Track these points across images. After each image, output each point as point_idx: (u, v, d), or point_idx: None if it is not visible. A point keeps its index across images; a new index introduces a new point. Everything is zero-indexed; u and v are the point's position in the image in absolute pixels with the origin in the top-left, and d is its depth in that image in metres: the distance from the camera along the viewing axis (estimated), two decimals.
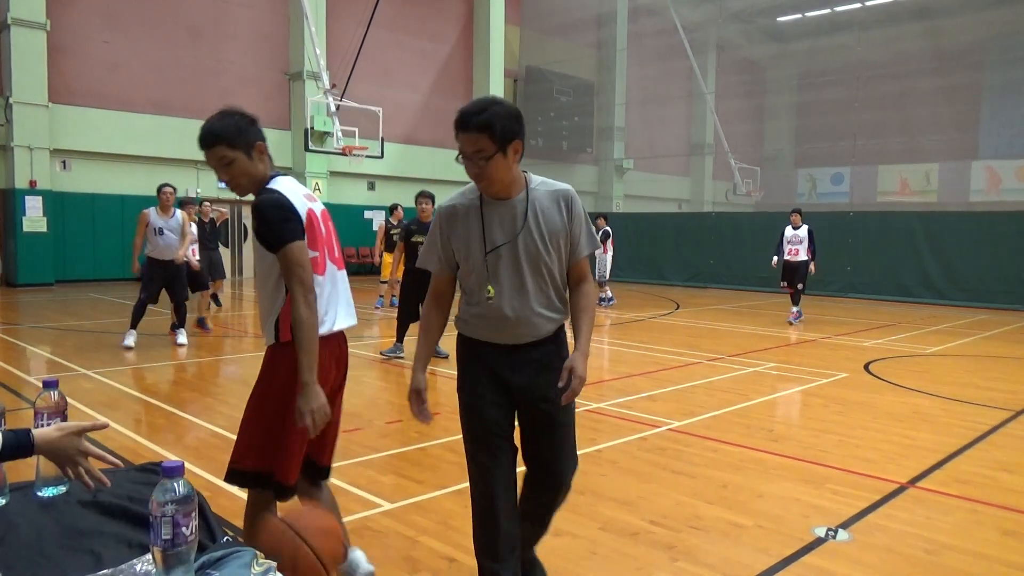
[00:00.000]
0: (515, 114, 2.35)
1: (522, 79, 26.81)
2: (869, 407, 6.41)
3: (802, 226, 12.22)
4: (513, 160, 2.37)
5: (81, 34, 17.08)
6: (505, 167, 2.36)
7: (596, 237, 2.56)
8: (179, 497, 1.26)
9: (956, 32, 22.94)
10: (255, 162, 2.52)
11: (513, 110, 2.35)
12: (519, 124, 2.35)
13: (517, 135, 2.34)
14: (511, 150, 2.34)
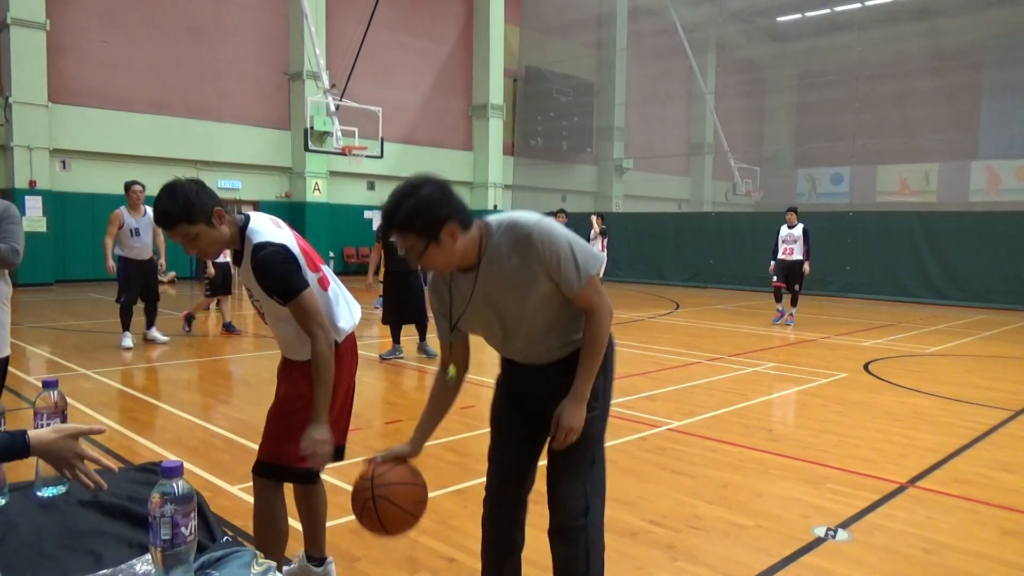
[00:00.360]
0: (435, 200, 2.07)
1: (522, 79, 26.81)
2: (869, 407, 6.41)
3: (797, 225, 11.94)
4: (452, 243, 2.12)
5: (81, 34, 17.08)
6: (444, 253, 2.13)
7: (586, 264, 2.21)
8: (178, 497, 1.26)
9: (956, 32, 22.95)
10: (217, 228, 2.52)
11: (432, 195, 2.08)
12: (445, 206, 2.08)
13: (446, 220, 2.07)
14: (444, 235, 2.09)
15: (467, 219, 2.15)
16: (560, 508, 2.43)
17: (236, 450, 4.90)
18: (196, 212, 2.43)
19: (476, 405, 6.30)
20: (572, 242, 2.21)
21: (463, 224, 2.13)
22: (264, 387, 6.93)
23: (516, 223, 2.21)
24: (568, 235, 2.23)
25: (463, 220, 2.13)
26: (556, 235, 2.19)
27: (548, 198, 25.72)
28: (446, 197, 2.11)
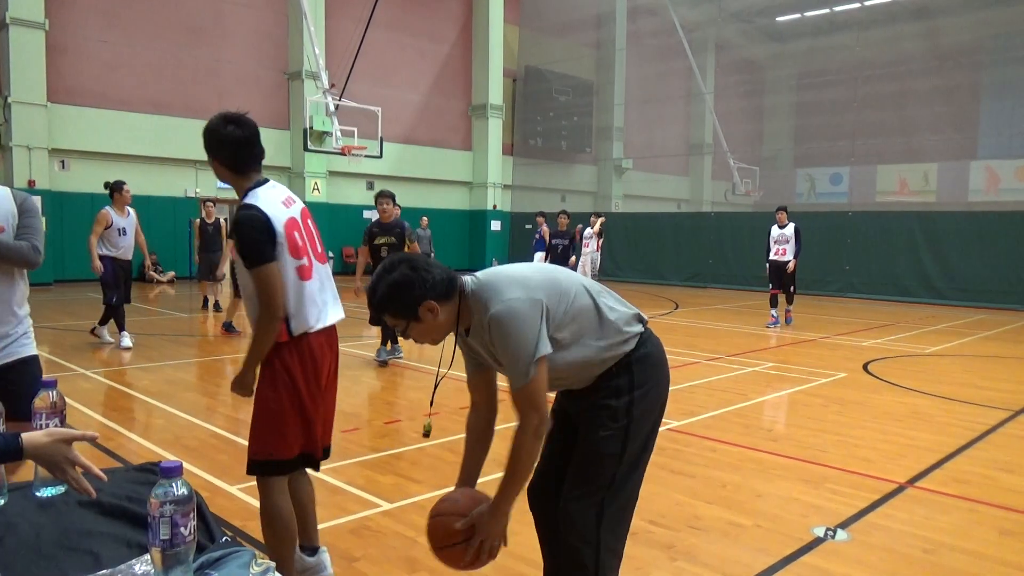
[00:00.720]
0: (407, 281, 2.14)
1: (521, 79, 26.81)
2: (868, 407, 6.41)
3: (788, 224, 11.51)
4: (433, 317, 2.18)
5: (80, 34, 17.07)
6: (427, 328, 2.21)
7: (524, 370, 2.11)
8: (177, 497, 1.26)
9: (955, 32, 22.94)
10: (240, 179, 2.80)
11: (403, 278, 2.14)
12: (418, 286, 2.14)
13: (420, 299, 2.14)
14: (423, 312, 2.16)
15: (445, 291, 2.18)
16: (564, 517, 2.32)
17: (235, 450, 4.90)
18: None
19: None
20: (523, 341, 2.11)
21: (440, 298, 2.17)
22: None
23: (487, 301, 2.16)
24: (522, 329, 2.11)
25: (440, 294, 2.17)
26: (510, 329, 2.11)
27: (547, 198, 25.71)
28: (419, 276, 2.15)
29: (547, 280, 2.25)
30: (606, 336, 2.28)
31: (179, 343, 9.46)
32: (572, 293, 2.27)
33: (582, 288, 2.32)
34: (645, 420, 2.33)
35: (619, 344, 2.29)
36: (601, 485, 2.29)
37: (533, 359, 2.11)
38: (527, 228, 24.30)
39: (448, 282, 2.20)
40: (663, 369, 2.40)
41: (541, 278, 2.25)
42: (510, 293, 2.15)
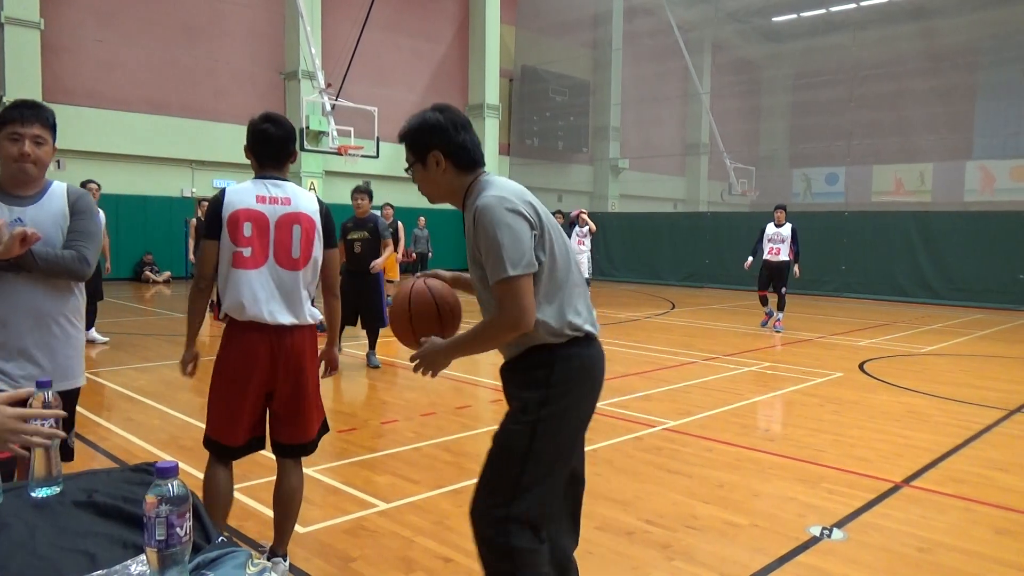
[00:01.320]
0: (433, 125, 2.23)
1: (517, 79, 26.81)
2: (864, 406, 6.42)
3: (786, 224, 11.11)
4: (437, 171, 2.25)
5: (75, 33, 17.03)
6: (427, 179, 2.29)
7: (512, 262, 2.06)
8: (173, 498, 1.26)
9: (951, 33, 23.00)
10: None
11: (435, 121, 2.23)
12: (439, 133, 2.22)
13: (432, 146, 2.23)
14: (430, 160, 2.24)
15: (460, 157, 2.24)
16: (474, 497, 2.26)
17: None
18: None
19: (472, 405, 6.32)
20: (509, 233, 2.07)
21: (453, 159, 2.24)
22: None
23: (485, 189, 2.19)
24: (511, 223, 2.08)
25: (455, 156, 2.24)
26: (497, 218, 2.08)
27: (544, 198, 25.44)
28: (448, 128, 2.22)
29: (548, 219, 2.24)
30: (550, 308, 2.19)
31: (175, 343, 9.44)
32: (559, 252, 2.23)
33: (567, 255, 2.27)
34: (557, 426, 2.19)
35: (554, 327, 2.19)
36: (505, 486, 2.17)
37: (522, 261, 2.07)
38: None
39: (468, 155, 2.26)
40: (589, 384, 2.28)
41: (544, 213, 2.24)
42: (508, 197, 2.15)
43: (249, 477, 4.33)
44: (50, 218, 2.60)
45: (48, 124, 2.58)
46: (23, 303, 2.54)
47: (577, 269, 2.33)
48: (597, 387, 2.33)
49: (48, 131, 2.59)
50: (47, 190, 2.66)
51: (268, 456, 4.77)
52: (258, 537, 3.48)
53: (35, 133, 2.54)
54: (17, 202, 2.58)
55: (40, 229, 2.48)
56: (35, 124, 2.54)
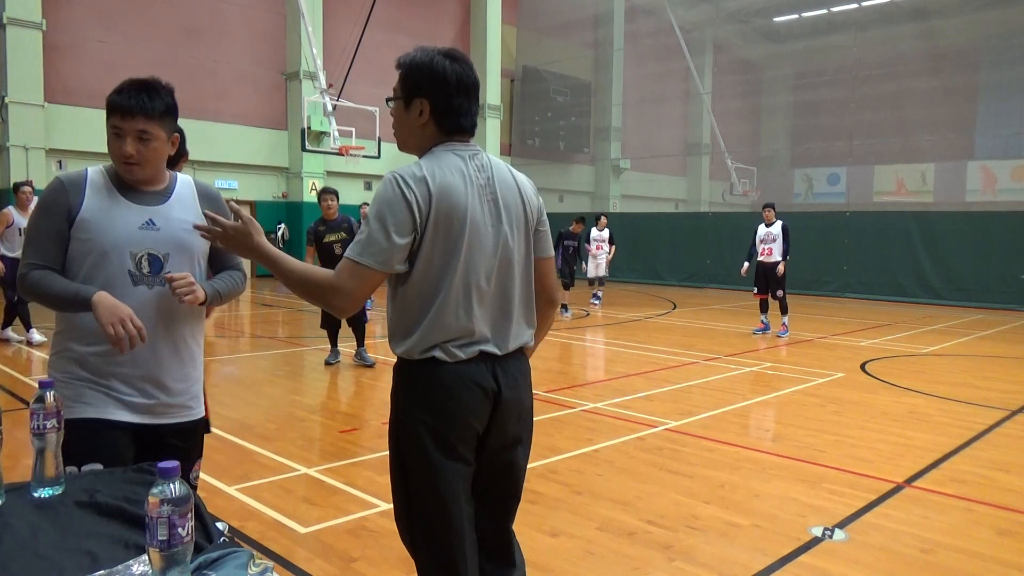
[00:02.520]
0: (435, 72, 1.99)
1: (519, 79, 26.81)
2: (865, 407, 6.42)
3: (776, 222, 10.73)
4: (416, 120, 2.01)
5: (77, 34, 17.04)
6: (403, 124, 2.06)
7: (361, 245, 1.89)
8: (175, 498, 1.26)
9: (952, 33, 22.99)
10: None
11: (439, 68, 1.99)
12: (436, 84, 1.98)
13: (422, 94, 1.99)
14: (414, 106, 2.01)
15: (447, 120, 2.00)
16: None
17: (232, 450, 4.90)
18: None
19: None
20: (379, 216, 1.89)
21: (436, 117, 2.00)
22: (260, 387, 6.93)
23: (422, 159, 2.01)
24: (385, 202, 1.89)
25: (441, 116, 2.00)
26: (378, 197, 1.92)
27: (545, 198, 25.20)
28: (451, 84, 1.99)
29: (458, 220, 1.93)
30: (410, 319, 1.97)
31: None
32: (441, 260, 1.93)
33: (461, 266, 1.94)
34: (414, 441, 1.98)
35: (408, 341, 1.96)
36: (396, 493, 2.07)
37: (374, 236, 1.88)
38: None
39: (456, 120, 2.02)
40: (437, 412, 1.96)
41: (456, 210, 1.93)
42: (419, 177, 1.91)
43: (250, 477, 4.34)
44: (187, 218, 2.22)
45: (155, 115, 2.12)
46: (152, 319, 2.16)
47: (493, 285, 2.01)
48: (449, 416, 1.96)
49: (156, 123, 2.12)
50: (175, 186, 2.29)
51: (268, 456, 4.78)
52: (259, 537, 3.48)
53: (139, 128, 2.10)
54: (144, 200, 2.21)
55: (176, 231, 2.19)
56: (138, 117, 2.09)
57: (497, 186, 2.03)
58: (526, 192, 2.13)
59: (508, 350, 2.03)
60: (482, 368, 1.98)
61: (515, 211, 2.06)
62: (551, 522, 3.71)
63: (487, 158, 2.07)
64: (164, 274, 2.15)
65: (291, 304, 14.18)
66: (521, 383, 2.08)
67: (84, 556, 1.45)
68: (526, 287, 2.10)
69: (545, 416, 5.87)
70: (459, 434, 1.97)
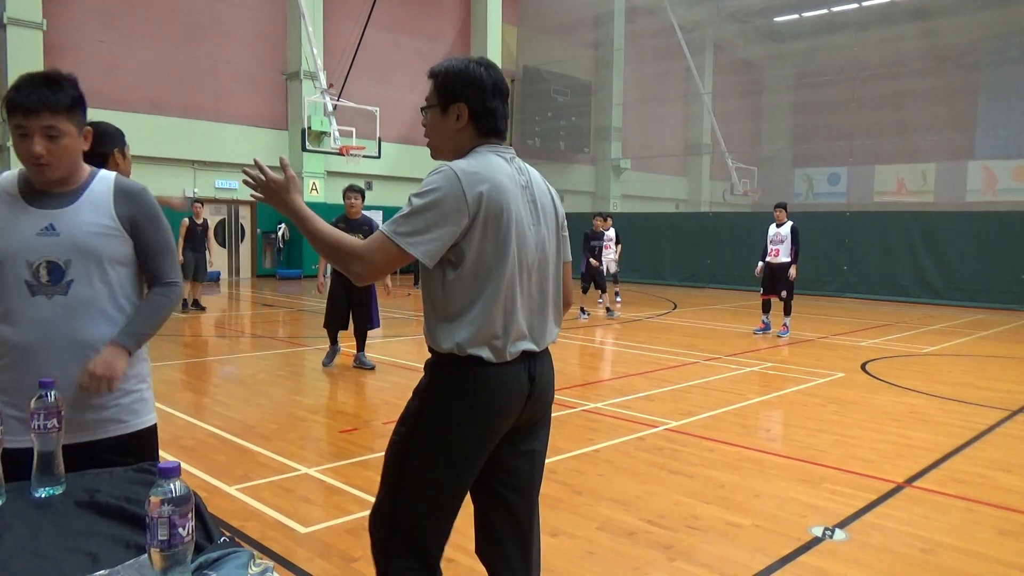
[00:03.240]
0: (473, 77, 2.04)
1: (519, 79, 26.81)
2: (866, 407, 6.42)
3: (786, 223, 10.55)
4: (453, 125, 2.05)
5: (78, 34, 17.04)
6: (439, 130, 2.09)
7: (398, 223, 1.91)
8: (176, 498, 1.26)
9: (953, 33, 22.96)
10: None
11: (476, 74, 2.04)
12: (474, 89, 2.03)
13: (462, 98, 2.03)
14: (452, 112, 2.05)
15: (484, 122, 2.06)
16: None
17: (233, 451, 4.90)
18: None
19: None
20: (430, 205, 1.89)
21: (475, 121, 2.05)
22: (261, 387, 6.93)
23: (469, 156, 2.03)
24: (440, 192, 1.90)
25: (479, 118, 2.05)
26: (432, 185, 1.92)
27: None
28: (488, 88, 2.04)
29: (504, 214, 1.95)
30: (457, 316, 1.97)
31: (176, 343, 9.45)
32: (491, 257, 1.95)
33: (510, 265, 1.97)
34: (434, 444, 2.00)
35: (454, 340, 1.96)
36: (387, 498, 2.07)
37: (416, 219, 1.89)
38: None
39: (493, 122, 2.07)
40: (472, 412, 1.98)
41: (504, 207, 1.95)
42: (470, 172, 1.93)
43: (250, 477, 4.34)
44: (95, 221, 2.05)
45: (62, 109, 2.00)
46: (55, 332, 2.01)
47: (533, 284, 2.07)
48: (489, 418, 1.99)
49: (64, 118, 2.00)
50: (89, 185, 2.10)
51: (269, 456, 4.78)
52: (260, 537, 3.48)
53: (45, 125, 1.97)
54: (49, 203, 2.03)
55: (78, 236, 2.02)
56: (43, 113, 1.97)
57: (535, 188, 2.12)
58: (555, 197, 2.23)
59: (543, 347, 2.13)
60: (521, 369, 2.04)
61: (549, 214, 2.15)
62: (551, 522, 3.71)
63: (522, 162, 2.15)
64: (64, 282, 1.99)
65: (291, 304, 14.18)
66: (549, 380, 2.17)
67: (84, 556, 1.45)
68: (557, 288, 2.19)
69: None
70: (490, 434, 2.03)
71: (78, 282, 2.01)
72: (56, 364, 1.99)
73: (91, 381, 1.99)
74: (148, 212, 2.16)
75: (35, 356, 1.99)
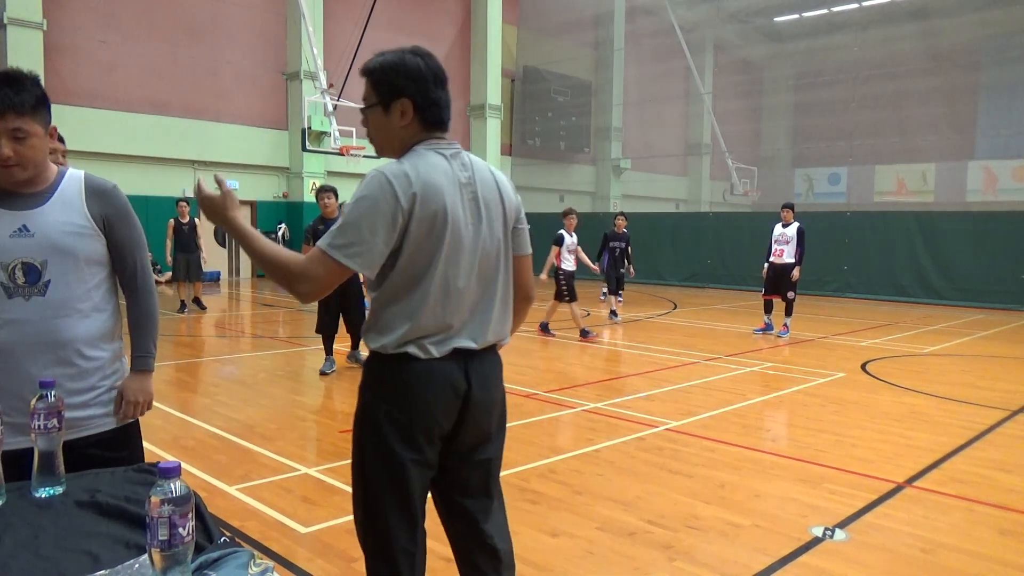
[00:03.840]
0: (411, 70, 1.97)
1: (519, 79, 26.81)
2: (866, 407, 6.41)
3: (792, 224, 10.54)
4: (397, 121, 1.99)
5: (78, 34, 17.04)
6: (382, 129, 2.03)
7: (334, 235, 1.89)
8: (176, 498, 1.26)
9: (953, 32, 22.97)
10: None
11: (413, 66, 1.98)
12: (415, 83, 1.97)
13: (404, 94, 1.97)
14: (395, 108, 1.99)
15: (431, 114, 2.00)
16: None
17: (233, 451, 4.90)
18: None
19: None
20: (363, 214, 1.87)
21: (421, 115, 1.99)
22: (262, 387, 6.93)
23: (406, 157, 1.98)
24: (371, 201, 1.88)
25: (424, 111, 1.99)
26: (363, 193, 1.90)
27: (546, 198, 25.69)
28: (428, 79, 1.98)
29: (437, 214, 1.92)
30: (389, 312, 1.97)
31: (176, 343, 9.46)
32: (424, 256, 1.93)
33: (440, 264, 1.94)
34: (370, 441, 1.99)
35: (386, 335, 1.96)
36: (354, 491, 2.07)
37: (347, 229, 1.87)
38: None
39: (439, 113, 2.01)
40: (409, 403, 1.96)
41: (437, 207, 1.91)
42: (403, 175, 1.89)
43: (251, 477, 4.34)
44: (69, 220, 2.06)
45: (27, 109, 1.94)
46: (33, 333, 2.02)
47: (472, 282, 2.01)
48: (417, 413, 1.97)
49: (29, 118, 1.95)
50: (59, 185, 2.10)
51: (269, 456, 4.78)
52: (260, 537, 3.48)
53: (11, 127, 1.92)
54: (19, 204, 2.02)
55: (53, 235, 2.02)
56: (8, 115, 1.91)
57: (478, 184, 2.04)
58: (505, 190, 2.12)
59: (485, 344, 2.05)
60: (454, 367, 1.99)
61: (495, 209, 2.07)
62: (551, 522, 3.71)
63: (468, 156, 2.07)
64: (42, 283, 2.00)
65: (291, 304, 14.18)
66: (492, 381, 2.09)
67: (84, 556, 1.45)
68: (505, 284, 2.12)
69: (545, 416, 5.87)
70: (424, 429, 1.97)
71: (55, 282, 2.02)
72: (36, 365, 2.01)
73: (134, 409, 2.17)
74: (121, 209, 2.16)
75: (14, 357, 2.00)
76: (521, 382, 7.11)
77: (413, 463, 1.98)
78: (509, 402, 2.22)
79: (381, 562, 2.02)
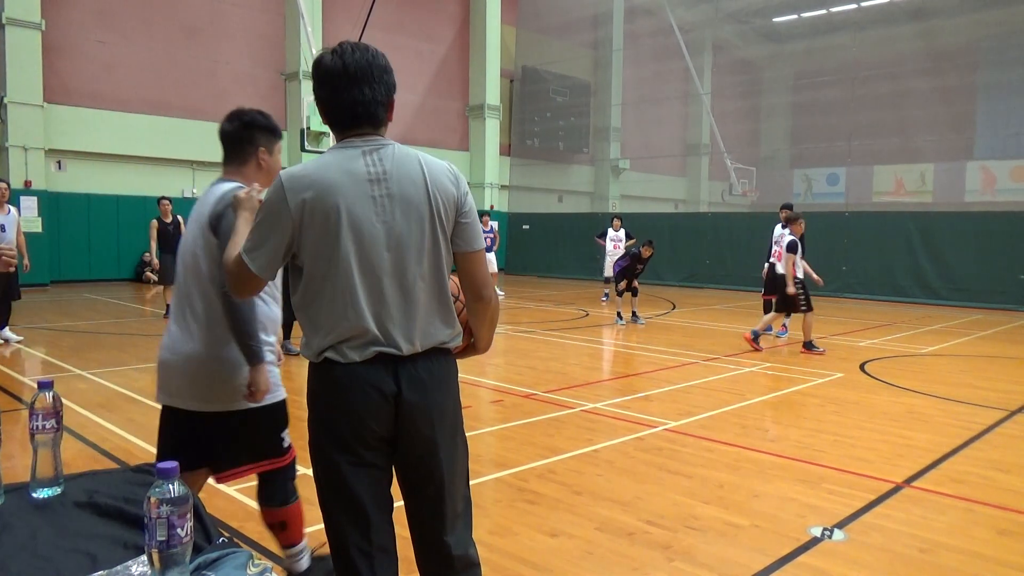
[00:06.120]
0: (314, 68, 2.02)
1: (518, 79, 26.81)
2: (865, 407, 6.42)
3: None
4: (325, 120, 2.04)
5: (76, 34, 17.04)
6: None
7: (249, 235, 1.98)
8: (174, 498, 1.26)
9: (951, 33, 22.99)
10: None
11: (314, 61, 2.02)
12: (316, 84, 2.01)
13: (315, 95, 2.05)
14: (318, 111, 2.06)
15: (332, 115, 2.01)
16: None
17: None
18: None
19: (473, 405, 6.30)
20: (263, 219, 1.95)
21: (329, 117, 2.02)
22: None
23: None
24: (267, 204, 1.94)
25: (330, 115, 2.01)
26: (265, 197, 2.01)
27: (544, 198, 25.70)
28: (332, 79, 1.96)
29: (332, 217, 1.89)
30: (305, 319, 1.99)
31: None
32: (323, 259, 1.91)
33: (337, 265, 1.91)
34: (314, 442, 2.02)
35: (307, 328, 1.99)
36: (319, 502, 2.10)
37: (247, 246, 1.93)
38: (524, 228, 24.31)
39: (341, 117, 1.99)
40: (333, 407, 1.95)
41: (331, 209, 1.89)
42: (298, 176, 1.92)
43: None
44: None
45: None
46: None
47: (388, 283, 1.95)
48: (342, 416, 1.94)
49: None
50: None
51: None
52: (259, 537, 3.48)
53: None
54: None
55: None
56: None
57: (393, 178, 1.94)
58: (436, 182, 1.99)
59: (415, 350, 1.96)
60: (379, 370, 1.92)
61: (415, 204, 1.95)
62: (551, 522, 3.71)
63: (393, 150, 1.97)
64: None
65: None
66: (430, 384, 1.98)
67: (83, 557, 1.45)
68: (435, 283, 2.00)
69: (545, 416, 5.87)
70: (352, 431, 1.94)
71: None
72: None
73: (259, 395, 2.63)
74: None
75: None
76: (520, 382, 7.11)
77: (349, 464, 1.97)
78: (509, 402, 2.22)
79: (339, 562, 2.05)
